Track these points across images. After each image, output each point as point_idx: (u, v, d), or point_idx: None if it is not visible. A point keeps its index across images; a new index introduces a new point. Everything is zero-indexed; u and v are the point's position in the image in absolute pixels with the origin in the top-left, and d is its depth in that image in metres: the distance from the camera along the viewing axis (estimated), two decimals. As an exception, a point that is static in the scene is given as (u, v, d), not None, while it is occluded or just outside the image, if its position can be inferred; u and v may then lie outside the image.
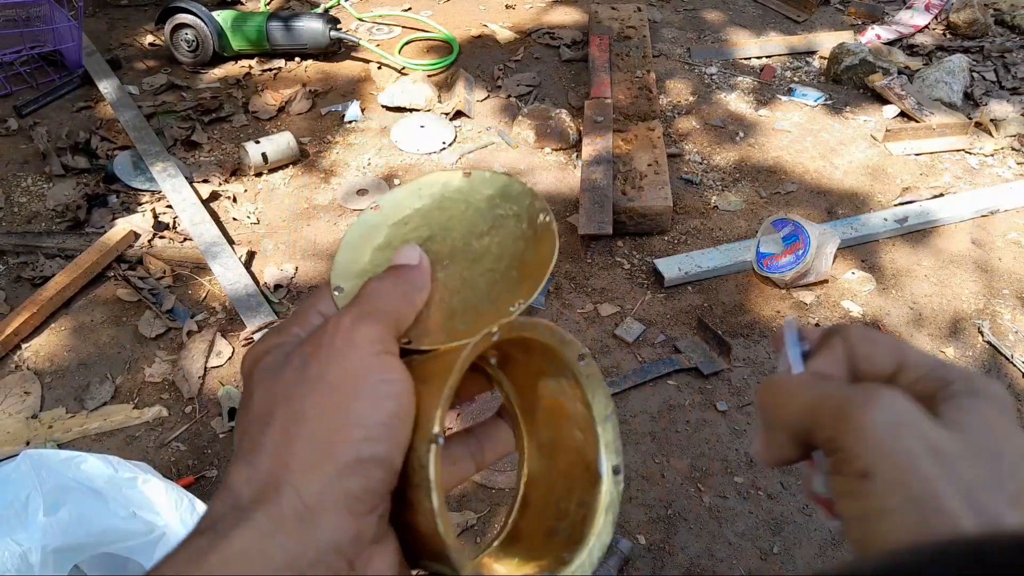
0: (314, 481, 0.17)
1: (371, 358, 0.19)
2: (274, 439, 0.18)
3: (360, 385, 0.18)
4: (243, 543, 0.17)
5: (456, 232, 0.25)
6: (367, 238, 0.25)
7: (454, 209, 0.25)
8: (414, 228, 0.25)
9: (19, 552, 0.69)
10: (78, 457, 0.74)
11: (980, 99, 1.66)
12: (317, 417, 0.18)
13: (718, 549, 0.88)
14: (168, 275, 1.21)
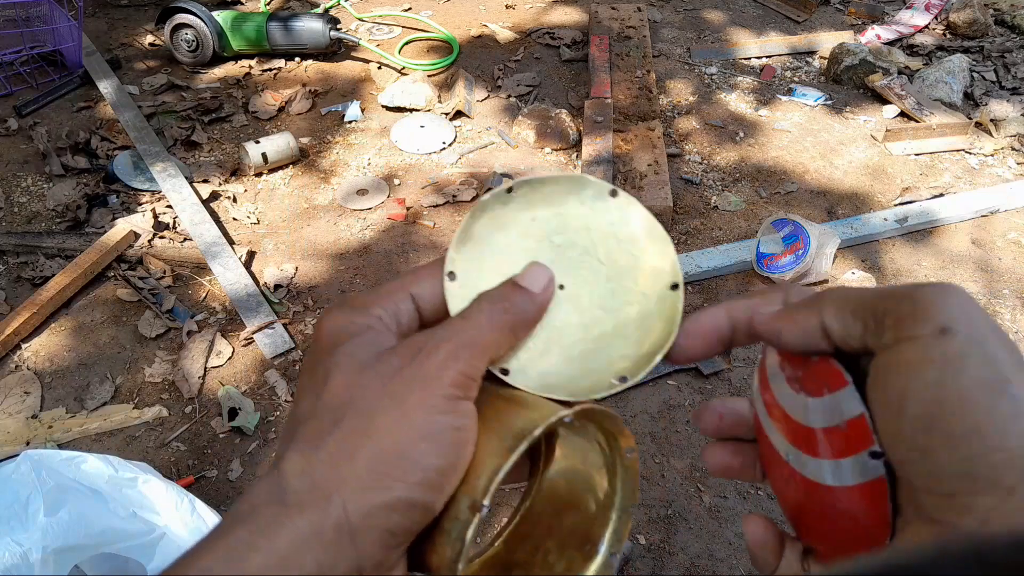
0: (363, 505, 0.17)
1: (453, 401, 0.19)
2: (339, 443, 0.18)
3: (433, 425, 0.18)
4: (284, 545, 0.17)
5: (586, 255, 0.23)
6: (494, 222, 0.23)
7: (593, 228, 0.24)
8: (545, 233, 0.23)
9: (19, 552, 0.69)
10: (78, 457, 0.74)
11: (980, 99, 1.66)
12: (386, 440, 0.18)
13: (718, 549, 0.89)
14: (168, 275, 1.21)
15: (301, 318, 1.15)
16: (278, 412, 1.02)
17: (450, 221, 1.35)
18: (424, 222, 1.35)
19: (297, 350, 1.10)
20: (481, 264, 0.22)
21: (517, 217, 0.23)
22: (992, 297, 1.24)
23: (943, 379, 0.16)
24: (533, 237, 0.23)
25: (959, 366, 0.16)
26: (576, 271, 0.23)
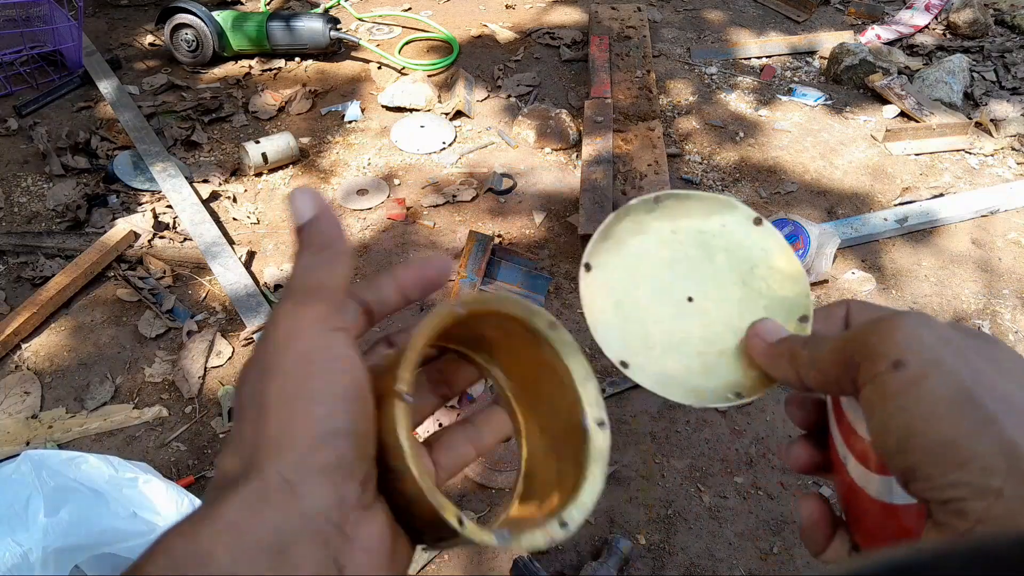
0: (288, 457, 0.18)
1: (319, 337, 0.20)
2: (249, 428, 0.19)
3: (311, 365, 0.19)
4: (233, 514, 0.17)
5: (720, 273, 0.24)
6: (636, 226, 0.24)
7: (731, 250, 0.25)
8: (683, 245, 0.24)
9: (20, 552, 0.69)
10: (79, 457, 0.74)
11: (980, 99, 1.66)
12: (281, 402, 0.19)
13: (718, 549, 0.89)
14: (168, 275, 1.21)
15: (301, 318, 1.15)
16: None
17: (450, 221, 1.35)
18: (424, 222, 1.35)
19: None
20: (616, 262, 0.24)
21: (659, 226, 0.25)
22: (992, 297, 1.24)
23: (905, 407, 0.18)
24: (670, 247, 0.24)
25: (916, 393, 0.18)
26: (707, 286, 0.25)
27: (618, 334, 0.24)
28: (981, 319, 1.19)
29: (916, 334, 0.18)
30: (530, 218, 1.36)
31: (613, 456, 0.98)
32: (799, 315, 0.25)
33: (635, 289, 0.24)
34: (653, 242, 0.24)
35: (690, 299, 0.24)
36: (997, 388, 0.17)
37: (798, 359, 0.22)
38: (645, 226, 0.25)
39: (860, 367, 0.19)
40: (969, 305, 1.22)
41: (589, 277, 0.23)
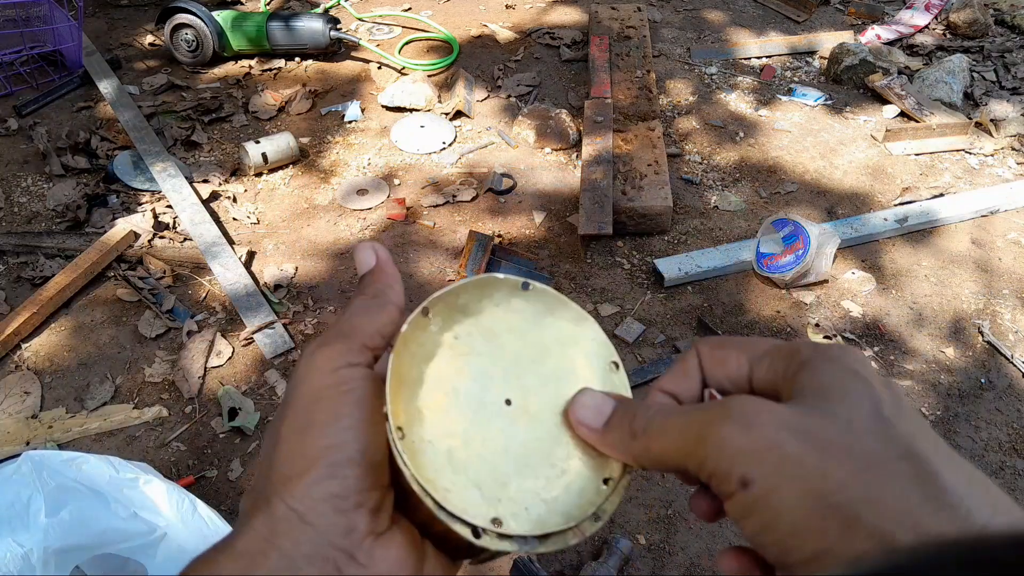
0: (296, 489, 0.19)
1: (330, 375, 0.20)
2: (264, 465, 0.20)
3: (320, 401, 0.20)
4: (246, 544, 0.19)
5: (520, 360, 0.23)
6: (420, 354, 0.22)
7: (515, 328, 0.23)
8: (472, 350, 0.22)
9: (21, 553, 0.69)
10: (79, 458, 0.74)
11: (980, 99, 1.66)
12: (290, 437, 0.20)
13: (718, 549, 0.88)
14: (168, 275, 1.21)
15: (301, 318, 1.15)
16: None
17: (450, 220, 1.35)
18: (424, 222, 1.35)
19: (297, 350, 1.10)
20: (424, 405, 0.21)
21: (439, 341, 0.22)
22: (992, 297, 1.24)
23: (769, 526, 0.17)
24: (462, 358, 0.22)
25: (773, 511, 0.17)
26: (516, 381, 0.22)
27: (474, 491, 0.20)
28: (981, 319, 1.20)
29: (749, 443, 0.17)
30: (530, 218, 1.36)
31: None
32: (609, 362, 0.23)
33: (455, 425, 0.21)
34: (444, 363, 0.22)
35: (508, 402, 0.22)
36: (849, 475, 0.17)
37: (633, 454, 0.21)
38: (427, 349, 0.22)
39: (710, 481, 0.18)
40: (969, 305, 1.22)
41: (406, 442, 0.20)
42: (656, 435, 0.20)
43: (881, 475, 0.17)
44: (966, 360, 1.13)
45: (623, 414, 0.21)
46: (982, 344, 1.15)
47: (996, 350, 1.14)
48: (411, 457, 0.20)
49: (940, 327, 1.18)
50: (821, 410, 0.18)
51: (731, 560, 0.21)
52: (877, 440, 0.17)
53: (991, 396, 1.08)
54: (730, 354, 0.21)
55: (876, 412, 0.18)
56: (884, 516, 0.16)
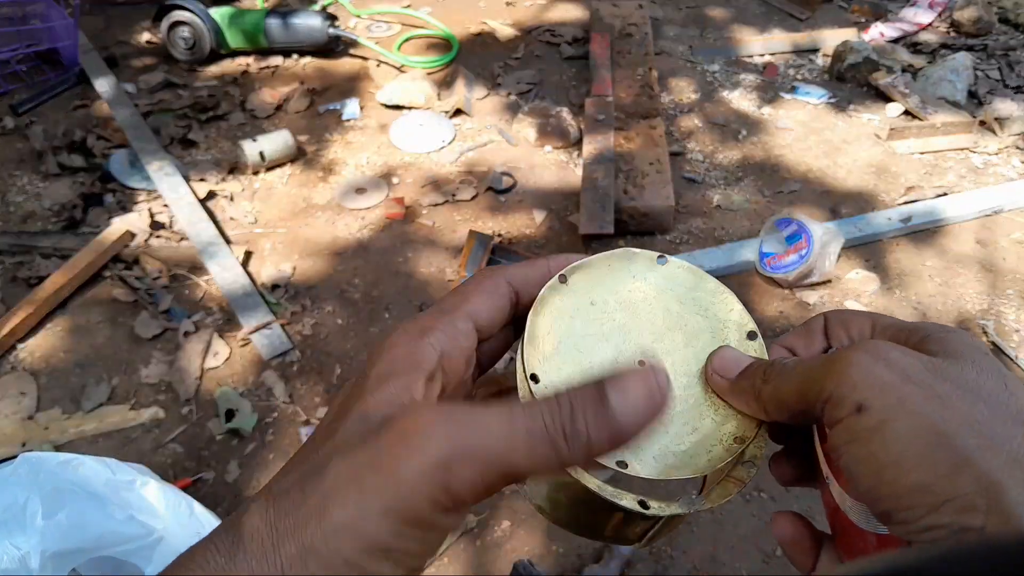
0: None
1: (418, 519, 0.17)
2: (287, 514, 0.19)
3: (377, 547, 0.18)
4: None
5: (655, 327, 0.23)
6: (557, 315, 0.23)
7: (652, 298, 0.24)
8: (609, 315, 0.23)
9: (18, 556, 0.68)
10: (76, 460, 0.73)
11: (984, 97, 1.65)
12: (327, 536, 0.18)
13: (720, 552, 0.88)
14: (165, 275, 1.20)
15: (299, 318, 1.14)
16: (275, 413, 1.01)
17: (449, 220, 1.34)
18: (423, 221, 1.34)
19: (295, 350, 1.09)
20: (558, 363, 0.22)
21: (577, 304, 0.23)
22: (996, 297, 1.23)
23: (873, 453, 0.17)
24: (598, 322, 0.23)
25: (882, 438, 0.17)
26: (649, 344, 0.23)
27: None
28: (985, 319, 1.19)
29: (874, 373, 0.18)
30: (530, 217, 1.35)
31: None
32: (746, 332, 0.24)
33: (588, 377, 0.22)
34: (579, 325, 0.23)
35: (641, 363, 0.22)
36: (968, 421, 0.17)
37: (762, 396, 0.21)
38: (565, 311, 0.23)
39: (824, 408, 0.18)
40: (973, 305, 1.21)
41: (539, 387, 0.21)
42: (786, 376, 0.20)
43: (1000, 429, 0.17)
44: (970, 361, 1.12)
45: (756, 367, 0.22)
46: (986, 344, 1.14)
47: (1000, 350, 1.13)
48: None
49: (944, 327, 1.17)
50: (952, 362, 0.18)
51: (785, 526, 0.22)
52: (1000, 400, 0.18)
53: (996, 397, 1.07)
54: (856, 317, 0.22)
55: (1001, 378, 0.18)
56: (996, 465, 0.16)
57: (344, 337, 1.12)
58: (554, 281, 0.23)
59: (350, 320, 1.15)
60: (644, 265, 0.24)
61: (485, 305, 0.22)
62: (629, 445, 0.19)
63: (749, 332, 0.24)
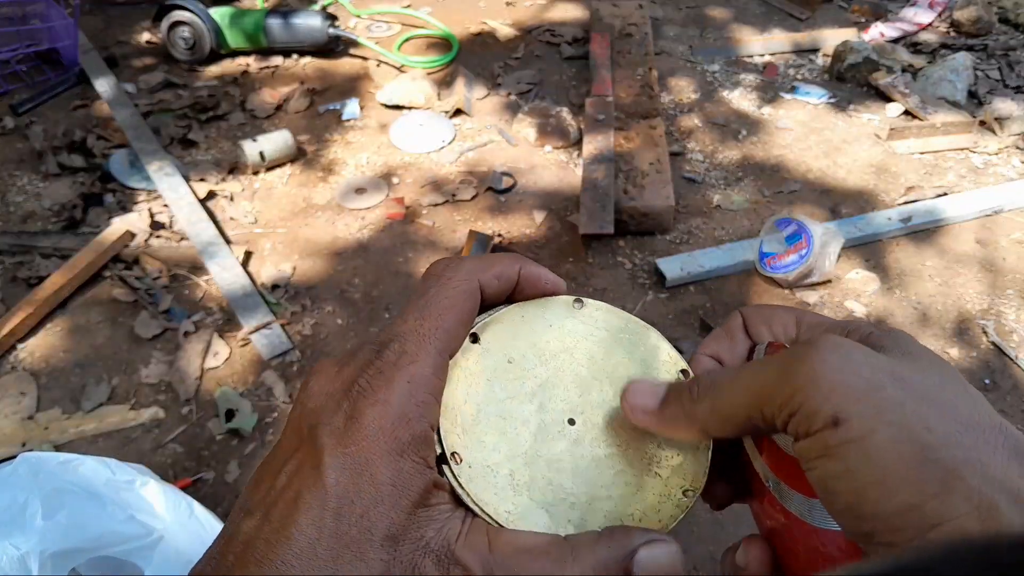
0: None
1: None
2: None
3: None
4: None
5: (580, 380, 0.22)
6: (472, 380, 0.21)
7: (573, 347, 0.22)
8: (529, 374, 0.21)
9: (18, 556, 0.68)
10: (76, 460, 0.73)
11: (984, 97, 1.65)
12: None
13: (720, 552, 0.88)
14: (164, 275, 1.20)
15: (299, 318, 1.14)
16: (276, 413, 1.01)
17: (449, 220, 1.34)
18: (423, 221, 1.34)
19: (295, 350, 1.09)
20: (479, 434, 0.20)
21: (494, 365, 0.21)
22: (996, 297, 1.23)
23: (853, 470, 0.16)
24: (518, 381, 0.21)
25: (864, 455, 0.16)
26: (578, 399, 0.21)
27: (540, 512, 0.19)
28: (985, 319, 1.19)
29: (845, 379, 0.16)
30: (530, 217, 1.35)
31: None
32: (678, 371, 0.22)
33: (516, 448, 0.20)
34: (499, 387, 0.21)
35: (571, 421, 0.21)
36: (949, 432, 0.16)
37: (698, 416, 0.19)
38: (481, 373, 0.21)
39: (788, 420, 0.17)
40: (973, 305, 1.21)
41: (462, 467, 0.19)
42: (726, 389, 0.18)
43: (983, 440, 0.16)
44: (970, 360, 1.12)
45: (680, 388, 0.20)
46: (986, 344, 1.14)
47: (1000, 351, 1.13)
48: (468, 482, 0.19)
49: (944, 327, 1.17)
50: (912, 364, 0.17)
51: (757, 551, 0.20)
52: (971, 405, 0.16)
53: (995, 397, 1.07)
54: (777, 314, 0.20)
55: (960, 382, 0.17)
56: (988, 482, 0.15)
57: (344, 337, 1.12)
58: (465, 343, 0.21)
59: (350, 320, 1.15)
60: (560, 311, 0.23)
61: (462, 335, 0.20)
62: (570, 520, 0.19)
63: (681, 371, 0.22)
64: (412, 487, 0.18)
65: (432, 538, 0.18)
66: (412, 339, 0.19)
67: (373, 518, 0.17)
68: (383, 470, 0.18)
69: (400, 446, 0.18)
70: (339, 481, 0.17)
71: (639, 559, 0.18)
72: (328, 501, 0.17)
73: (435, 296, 0.20)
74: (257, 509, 0.18)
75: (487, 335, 0.22)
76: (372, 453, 0.18)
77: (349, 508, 0.17)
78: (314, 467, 0.17)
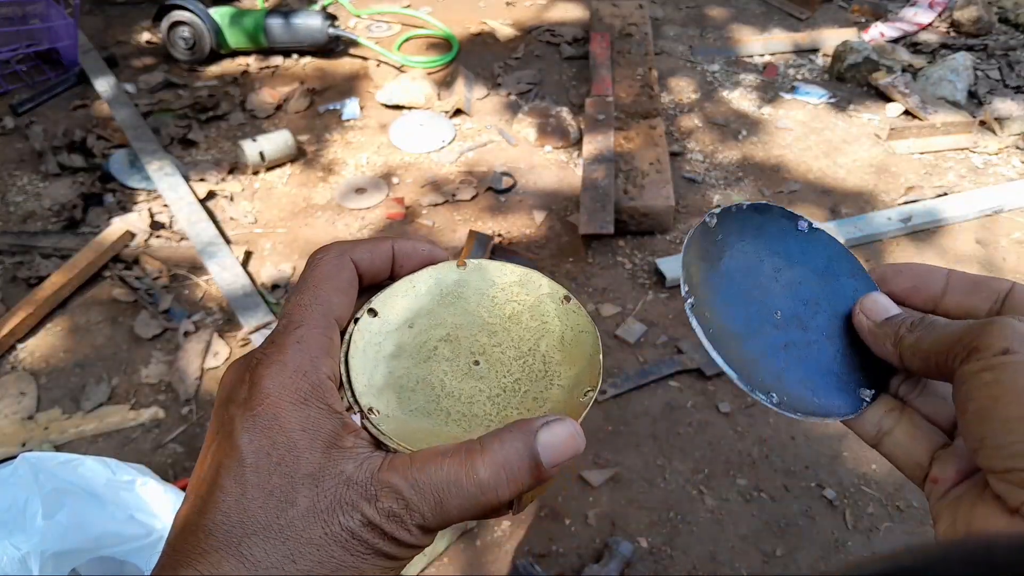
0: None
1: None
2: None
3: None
4: None
5: (470, 329, 0.24)
6: (374, 348, 0.23)
7: (460, 305, 0.24)
8: (424, 329, 0.23)
9: (18, 556, 0.68)
10: (76, 460, 0.73)
11: (984, 97, 1.65)
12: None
13: (720, 552, 0.88)
14: (164, 275, 1.20)
15: (300, 318, 1.14)
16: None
17: (449, 220, 1.34)
18: (423, 221, 1.34)
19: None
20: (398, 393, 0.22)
21: (396, 331, 0.23)
22: (996, 297, 1.23)
23: (999, 379, 0.19)
24: (421, 338, 0.23)
25: (1011, 372, 0.19)
26: (485, 343, 0.24)
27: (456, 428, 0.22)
28: (985, 319, 1.19)
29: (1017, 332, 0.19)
30: (530, 217, 1.35)
31: (615, 458, 0.97)
32: (560, 297, 0.25)
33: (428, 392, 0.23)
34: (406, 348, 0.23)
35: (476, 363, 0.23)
36: None
37: (903, 343, 0.22)
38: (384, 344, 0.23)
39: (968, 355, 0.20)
40: (973, 305, 1.21)
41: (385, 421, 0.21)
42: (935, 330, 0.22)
43: None
44: (970, 361, 1.12)
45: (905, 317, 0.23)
46: None
47: (1001, 351, 1.13)
48: (388, 429, 0.21)
49: (944, 327, 1.17)
50: None
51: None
52: None
53: (996, 397, 1.07)
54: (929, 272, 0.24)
55: None
56: None
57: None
58: (363, 315, 0.23)
59: (350, 320, 1.15)
60: (449, 273, 0.25)
61: (344, 302, 0.22)
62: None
63: (563, 296, 0.25)
64: (322, 429, 0.19)
65: (353, 472, 0.19)
66: (295, 311, 0.21)
67: (290, 463, 0.19)
68: (290, 419, 0.19)
69: (302, 396, 0.19)
70: (251, 440, 0.19)
71: (540, 439, 0.20)
72: (245, 459, 0.18)
73: (309, 274, 0.22)
74: (190, 493, 0.19)
75: (383, 307, 0.23)
76: (277, 408, 0.19)
77: (266, 460, 0.18)
78: (227, 436, 0.19)
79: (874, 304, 0.24)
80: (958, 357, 0.20)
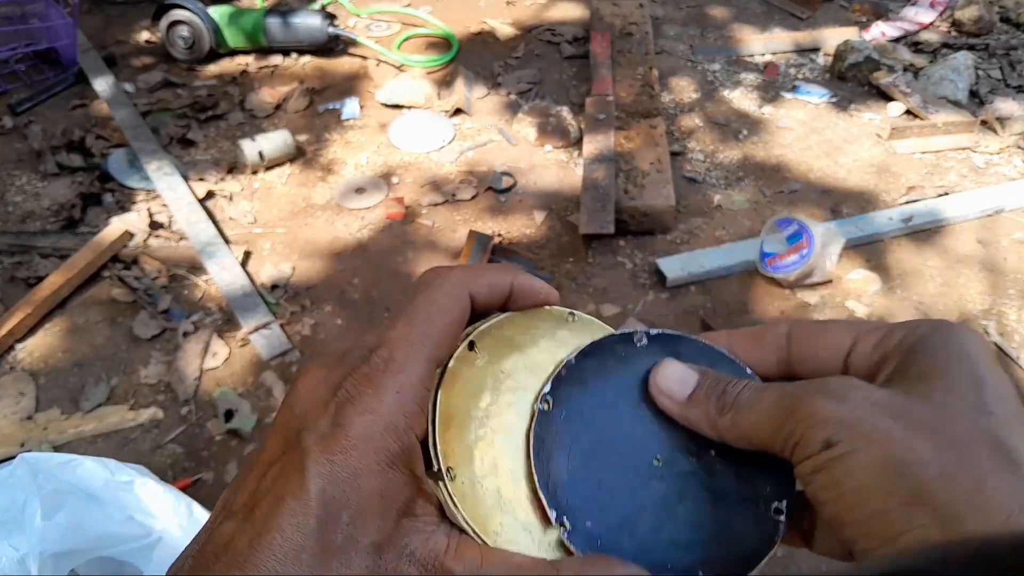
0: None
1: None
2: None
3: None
4: None
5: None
6: (467, 390, 0.20)
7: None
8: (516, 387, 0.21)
9: (17, 557, 0.68)
10: (75, 460, 0.73)
11: (985, 97, 1.65)
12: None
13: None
14: (163, 275, 1.19)
15: (298, 319, 1.14)
16: (275, 414, 1.01)
17: (449, 220, 1.34)
18: (423, 221, 1.33)
19: (295, 351, 1.09)
20: (471, 446, 0.19)
21: (486, 376, 0.21)
22: (998, 297, 1.23)
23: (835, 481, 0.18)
24: (511, 393, 0.21)
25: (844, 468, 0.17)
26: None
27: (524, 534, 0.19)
28: (987, 320, 1.18)
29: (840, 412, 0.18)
30: (531, 217, 1.35)
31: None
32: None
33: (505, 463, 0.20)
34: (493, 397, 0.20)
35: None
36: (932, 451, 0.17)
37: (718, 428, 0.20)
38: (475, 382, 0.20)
39: (794, 450, 0.19)
40: (975, 305, 1.21)
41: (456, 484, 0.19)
42: (747, 409, 0.20)
43: (963, 457, 0.17)
44: (972, 361, 1.12)
45: (710, 387, 0.21)
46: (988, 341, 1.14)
47: (1002, 351, 1.13)
48: (461, 499, 0.19)
49: (945, 328, 1.17)
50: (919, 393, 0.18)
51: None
52: (968, 425, 0.17)
53: (997, 398, 1.06)
54: (828, 330, 0.21)
55: (976, 399, 0.18)
56: (957, 497, 0.16)
57: (343, 337, 1.12)
58: (462, 349, 0.21)
59: (349, 320, 1.14)
60: (553, 324, 0.22)
61: (451, 344, 0.20)
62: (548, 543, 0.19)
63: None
64: (399, 498, 0.18)
65: (417, 547, 0.18)
66: (400, 346, 0.19)
67: (359, 527, 0.17)
68: (371, 481, 0.18)
69: (389, 457, 0.18)
70: (324, 489, 0.17)
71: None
72: (312, 508, 0.17)
73: (424, 303, 0.20)
74: (239, 511, 0.18)
75: (483, 343, 0.21)
76: (359, 463, 0.18)
77: (335, 517, 0.17)
78: (298, 472, 0.17)
79: (667, 379, 0.21)
80: (785, 450, 0.19)
